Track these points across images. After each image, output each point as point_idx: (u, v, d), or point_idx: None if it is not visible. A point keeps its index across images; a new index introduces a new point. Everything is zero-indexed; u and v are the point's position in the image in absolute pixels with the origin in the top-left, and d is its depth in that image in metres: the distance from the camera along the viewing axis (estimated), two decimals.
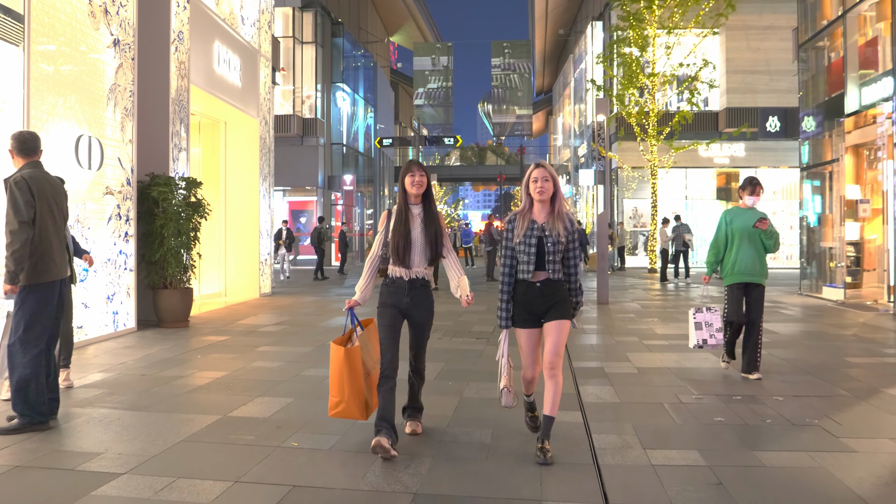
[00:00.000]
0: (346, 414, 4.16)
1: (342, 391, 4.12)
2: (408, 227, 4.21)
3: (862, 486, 3.59)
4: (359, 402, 4.15)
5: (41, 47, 7.19)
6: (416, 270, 4.24)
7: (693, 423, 4.78)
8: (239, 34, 13.05)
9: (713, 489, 3.56)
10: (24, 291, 4.58)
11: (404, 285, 4.23)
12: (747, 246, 6.19)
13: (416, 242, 4.21)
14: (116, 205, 8.60)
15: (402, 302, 4.23)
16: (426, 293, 4.30)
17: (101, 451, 4.13)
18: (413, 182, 4.23)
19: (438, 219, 4.34)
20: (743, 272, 6.20)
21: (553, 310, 4.04)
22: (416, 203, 4.29)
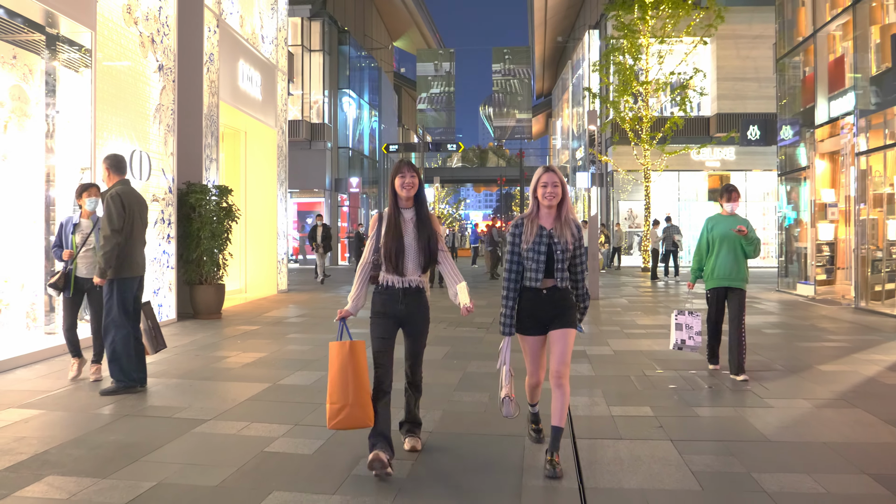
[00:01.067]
0: (351, 421, 3.81)
1: (345, 394, 3.79)
2: (400, 232, 3.99)
3: (767, 429, 4.76)
4: (366, 405, 3.82)
5: (104, 75, 8.37)
6: (410, 278, 4.02)
7: (650, 390, 5.96)
8: (259, 52, 14.24)
9: (654, 430, 4.74)
10: (112, 284, 5.77)
11: (398, 293, 4.02)
12: (727, 252, 6.39)
13: (409, 248, 3.99)
14: (160, 210, 9.79)
15: (396, 310, 4.03)
16: (421, 300, 4.08)
17: (186, 406, 5.32)
18: (403, 184, 3.99)
19: (432, 222, 4.10)
20: (722, 277, 6.41)
21: (559, 318, 3.98)
22: (408, 206, 4.06)
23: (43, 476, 3.81)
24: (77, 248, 6.22)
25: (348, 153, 32.45)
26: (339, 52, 31.43)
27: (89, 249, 6.22)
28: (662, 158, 23.92)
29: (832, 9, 13.80)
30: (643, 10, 22.95)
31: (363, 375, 3.84)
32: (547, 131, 55.16)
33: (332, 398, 3.81)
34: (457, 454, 4.26)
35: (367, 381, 3.86)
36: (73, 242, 6.23)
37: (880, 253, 12.13)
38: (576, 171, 34.82)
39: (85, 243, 6.22)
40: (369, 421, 3.83)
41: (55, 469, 3.93)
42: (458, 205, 73.30)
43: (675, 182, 28.71)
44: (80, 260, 6.23)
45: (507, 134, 43.21)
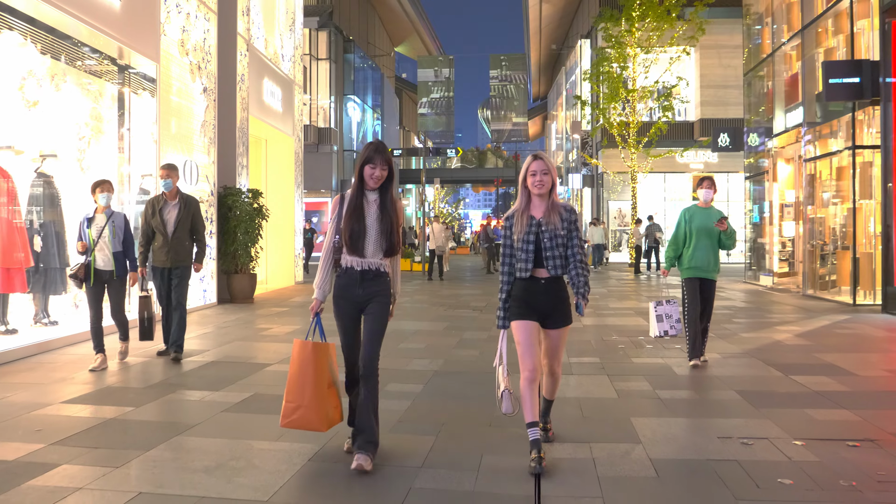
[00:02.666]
0: (303, 422, 3.78)
1: (302, 394, 3.76)
2: (362, 213, 3.86)
3: (678, 369, 6.56)
4: (320, 409, 3.78)
5: (163, 98, 10.17)
6: (370, 261, 3.91)
7: (603, 348, 7.76)
8: (280, 69, 16.03)
9: (597, 369, 6.54)
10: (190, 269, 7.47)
11: (356, 275, 3.90)
12: (704, 243, 6.58)
13: (370, 230, 3.87)
14: (205, 210, 11.58)
15: (354, 294, 3.92)
16: (381, 283, 3.94)
17: (255, 357, 7.13)
18: (372, 176, 3.87)
19: (395, 207, 3.97)
20: (697, 267, 6.61)
21: (554, 315, 3.96)
22: (373, 189, 3.92)
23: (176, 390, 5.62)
24: (93, 242, 6.52)
25: (353, 155, 34.26)
26: (345, 60, 33.23)
27: (106, 241, 6.56)
28: (648, 161, 25.69)
29: (788, 31, 15.59)
30: (630, 22, 24.71)
31: (322, 378, 3.79)
32: (543, 133, 57.03)
33: (288, 396, 3.80)
34: (460, 380, 6.05)
35: (324, 386, 3.80)
36: (89, 236, 6.52)
37: (831, 246, 13.92)
38: (569, 172, 36.63)
39: (101, 236, 6.55)
40: (321, 426, 3.81)
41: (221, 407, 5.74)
42: (457, 204, 75.30)
43: (661, 183, 30.54)
44: (97, 252, 6.54)
45: (504, 137, 45.06)
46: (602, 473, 3.75)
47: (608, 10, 25.62)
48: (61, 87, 9.12)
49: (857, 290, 12.01)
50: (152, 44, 9.79)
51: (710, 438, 4.36)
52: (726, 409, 5.10)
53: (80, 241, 6.52)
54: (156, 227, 7.05)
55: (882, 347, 7.81)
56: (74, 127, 9.32)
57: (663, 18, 24.41)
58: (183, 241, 7.10)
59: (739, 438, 4.33)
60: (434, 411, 5.05)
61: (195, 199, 7.36)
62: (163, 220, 7.05)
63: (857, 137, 12.12)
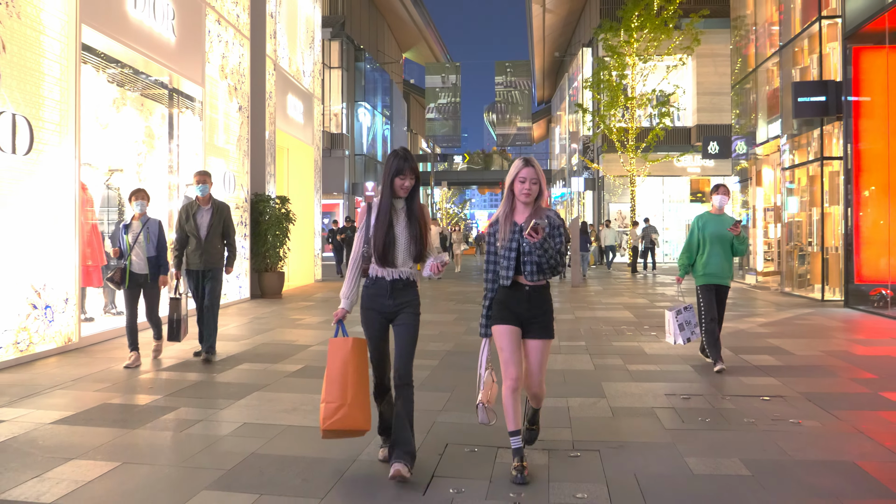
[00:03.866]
0: (348, 421, 3.69)
1: (344, 393, 3.68)
2: (391, 221, 3.85)
3: (649, 349, 7.91)
4: (364, 405, 3.72)
5: (207, 117, 11.58)
6: (401, 270, 3.88)
7: (590, 335, 9.13)
8: (302, 84, 17.45)
9: (582, 350, 7.92)
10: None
11: (386, 285, 3.87)
12: (718, 250, 6.69)
13: (399, 238, 3.86)
14: (240, 215, 13.00)
15: (384, 305, 3.89)
16: (411, 293, 3.93)
17: (298, 339, 8.53)
18: (403, 186, 3.87)
19: (423, 212, 3.99)
20: (712, 274, 6.73)
21: (536, 324, 3.87)
22: (401, 197, 3.92)
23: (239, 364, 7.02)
24: (130, 247, 6.82)
25: (363, 159, 35.69)
26: (356, 68, 34.65)
27: (142, 246, 6.87)
28: (646, 165, 27.02)
29: (770, 48, 16.91)
30: (629, 33, 26.04)
31: (364, 375, 3.77)
32: (548, 135, 58.39)
33: (328, 397, 3.70)
34: (467, 358, 7.42)
35: (367, 382, 3.79)
36: (126, 242, 6.82)
37: (811, 248, 15.24)
38: (572, 175, 37.99)
39: (136, 242, 6.86)
40: (366, 425, 3.74)
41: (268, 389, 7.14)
42: (463, 205, 76.75)
43: (660, 186, 31.90)
44: (133, 257, 6.84)
45: (509, 141, 46.45)
46: (573, 415, 5.13)
47: (607, 22, 26.98)
48: (121, 110, 10.56)
49: (825, 287, 13.35)
50: (199, 70, 11.21)
51: (658, 395, 5.73)
52: (678, 377, 6.47)
53: (114, 248, 6.82)
54: (189, 231, 7.24)
55: (827, 335, 9.15)
56: (133, 144, 10.75)
57: (660, 29, 25.73)
58: (215, 244, 7.34)
59: (681, 395, 5.70)
60: (448, 378, 6.43)
61: (226, 204, 7.65)
62: (196, 224, 7.25)
63: (826, 149, 13.46)
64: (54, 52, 7.53)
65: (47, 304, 7.32)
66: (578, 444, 4.43)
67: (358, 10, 36.76)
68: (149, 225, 6.96)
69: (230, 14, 12.59)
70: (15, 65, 6.85)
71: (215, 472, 3.89)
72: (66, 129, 7.73)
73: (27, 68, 7.04)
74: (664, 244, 30.09)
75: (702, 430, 4.74)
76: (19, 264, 6.90)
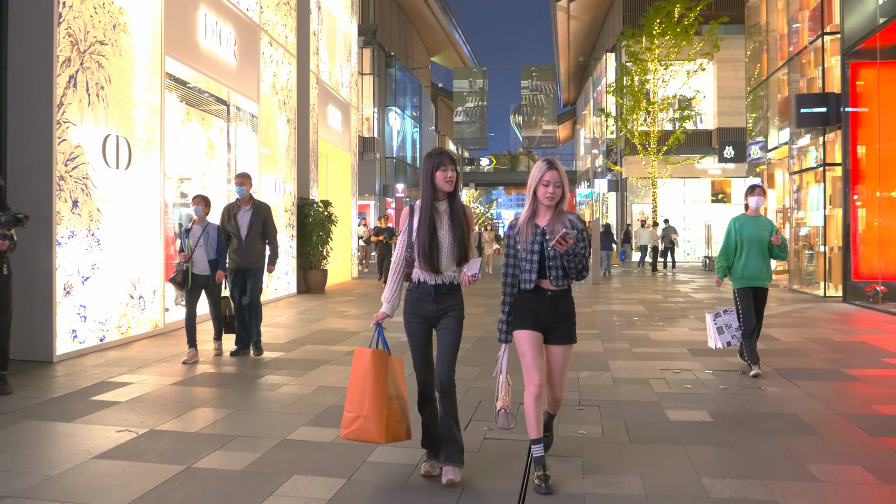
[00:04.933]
0: (362, 433, 3.70)
1: (361, 404, 3.69)
2: (434, 225, 3.80)
3: (654, 336, 9.07)
4: (379, 420, 3.68)
5: (261, 130, 12.93)
6: (445, 274, 3.84)
7: (604, 325, 10.30)
8: (340, 95, 18.80)
9: (595, 336, 9.10)
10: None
11: (430, 290, 3.84)
12: (755, 252, 6.63)
13: (443, 242, 3.81)
14: (289, 217, 14.35)
15: (427, 309, 3.85)
16: (454, 297, 3.89)
17: (353, 328, 9.83)
18: (446, 178, 3.80)
19: (466, 213, 3.91)
20: (751, 277, 6.67)
21: (559, 330, 3.85)
22: (442, 199, 3.87)
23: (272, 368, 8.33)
24: (191, 250, 7.16)
25: (394, 162, 37.06)
26: (387, 74, 36.01)
27: (202, 249, 7.20)
28: (667, 168, 28.00)
29: (780, 59, 17.90)
30: (650, 39, 27.05)
31: (382, 388, 3.69)
32: (573, 137, 59.38)
33: (348, 406, 3.76)
34: (495, 343, 8.63)
35: (384, 396, 3.70)
36: (187, 245, 7.17)
37: (823, 248, 16.22)
38: (595, 176, 39.02)
39: (197, 245, 7.19)
40: (381, 438, 3.69)
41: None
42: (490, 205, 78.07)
43: (682, 188, 32.82)
44: (195, 259, 7.19)
45: (534, 143, 47.58)
46: (581, 383, 6.34)
47: (630, 29, 28.02)
48: (187, 125, 11.94)
49: (827, 284, 14.36)
50: (255, 88, 12.57)
51: (654, 370, 6.92)
52: (674, 357, 7.64)
53: (182, 252, 7.20)
54: (231, 231, 7.50)
55: (816, 325, 10.22)
56: (198, 155, 12.13)
57: (681, 36, 26.71)
58: (255, 243, 7.53)
59: (673, 370, 6.89)
60: (479, 357, 7.66)
61: (267, 205, 7.82)
62: (237, 224, 7.49)
63: (828, 156, 14.47)
64: (144, 81, 8.89)
65: (140, 295, 8.69)
66: (583, 402, 5.65)
67: (388, 18, 38.12)
68: (208, 229, 7.27)
69: (280, 36, 13.95)
70: (116, 94, 8.21)
71: (307, 416, 5.18)
72: (154, 146, 9.10)
73: (125, 96, 8.41)
74: (685, 244, 31.12)
75: (683, 394, 5.92)
76: (121, 260, 8.25)
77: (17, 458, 4.20)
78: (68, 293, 7.29)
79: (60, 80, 7.14)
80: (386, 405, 3.71)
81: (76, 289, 7.41)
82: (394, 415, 3.76)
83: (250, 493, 3.65)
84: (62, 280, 7.19)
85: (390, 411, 3.73)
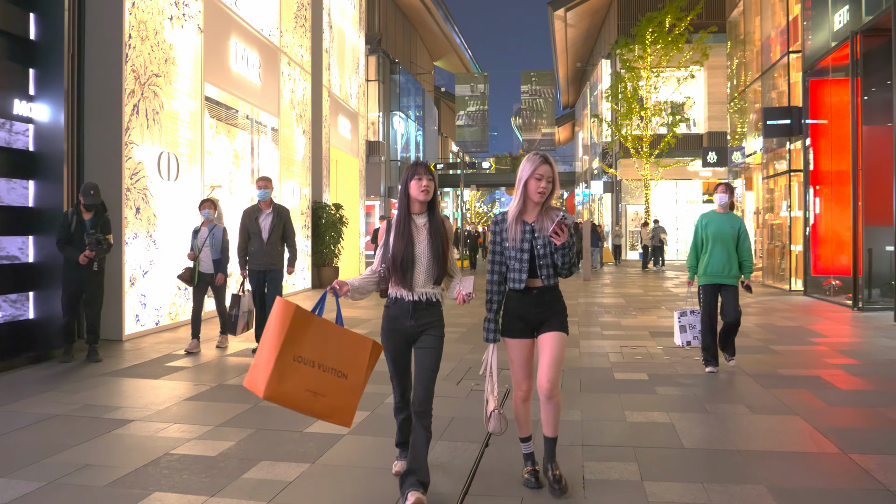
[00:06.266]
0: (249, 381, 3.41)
1: (260, 353, 3.42)
2: (411, 240, 3.61)
3: (624, 323, 10.58)
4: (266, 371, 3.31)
5: (280, 141, 14.44)
6: (422, 291, 3.63)
7: (584, 314, 11.79)
8: (349, 105, 20.33)
9: (574, 323, 10.60)
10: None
11: (408, 306, 3.63)
12: (720, 249, 6.60)
13: (420, 258, 3.61)
14: (304, 219, 15.87)
15: (406, 326, 3.65)
16: (434, 313, 3.68)
17: (367, 317, 11.34)
18: (420, 188, 3.60)
19: (445, 227, 3.70)
20: (714, 274, 6.65)
21: (549, 321, 3.69)
22: (420, 212, 3.68)
23: None
24: (199, 250, 7.70)
25: (398, 164, 38.60)
26: (391, 80, 37.55)
27: (207, 250, 7.81)
28: (658, 171, 29.48)
29: (755, 72, 19.36)
30: (643, 47, 28.54)
31: (277, 340, 3.35)
32: (573, 138, 60.91)
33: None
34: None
35: (276, 348, 3.33)
36: (196, 247, 7.72)
37: (794, 247, 17.70)
38: (592, 178, 40.51)
39: (204, 245, 7.74)
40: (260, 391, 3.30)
41: None
42: (492, 205, 79.72)
43: (674, 189, 34.31)
44: (202, 258, 7.73)
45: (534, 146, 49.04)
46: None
47: (623, 39, 29.51)
48: (216, 138, 13.48)
49: (792, 279, 15.84)
50: (275, 104, 14.10)
51: (616, 347, 8.41)
52: (635, 338, 9.13)
53: (191, 251, 7.85)
54: (252, 233, 7.68)
55: (770, 314, 11.69)
56: (225, 165, 13.66)
57: (672, 45, 28.17)
58: (276, 246, 7.72)
59: (631, 347, 8.38)
60: (474, 338, 9.18)
61: (286, 208, 8.11)
62: (259, 227, 7.66)
63: (794, 163, 15.94)
64: (187, 105, 10.41)
65: (186, 287, 10.21)
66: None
67: (393, 26, 39.66)
68: (214, 231, 7.80)
69: (296, 55, 15.47)
70: (168, 116, 9.74)
71: None
72: (195, 159, 10.63)
73: (173, 118, 9.93)
74: (677, 243, 32.64)
75: (633, 363, 7.43)
76: (171, 257, 9.78)
77: (130, 399, 5.74)
78: (132, 284, 8.82)
79: (127, 108, 8.68)
80: (279, 359, 3.31)
81: (138, 281, 8.94)
82: (299, 379, 3.35)
83: (303, 420, 5.13)
84: (128, 274, 8.73)
85: (294, 372, 3.34)
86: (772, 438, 4.70)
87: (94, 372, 6.79)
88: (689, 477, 3.97)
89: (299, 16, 15.71)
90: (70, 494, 3.70)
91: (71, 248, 7.12)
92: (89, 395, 5.88)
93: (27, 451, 4.40)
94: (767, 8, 18.16)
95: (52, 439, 4.63)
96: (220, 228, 7.92)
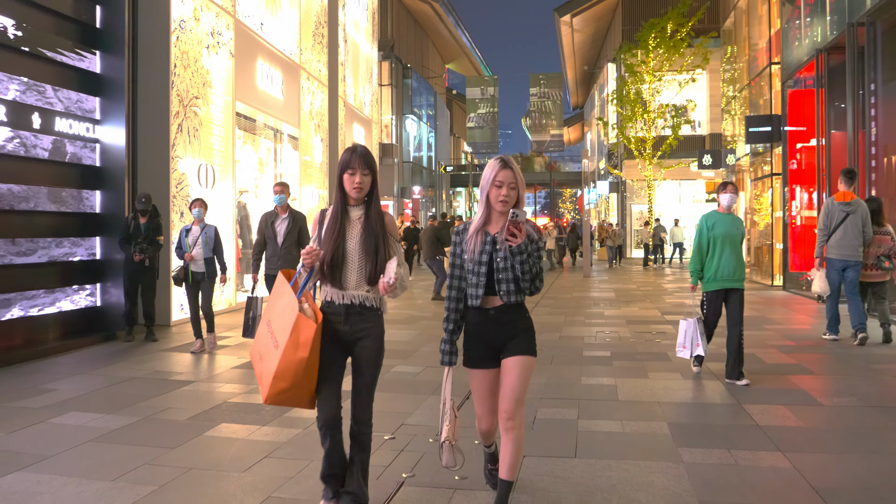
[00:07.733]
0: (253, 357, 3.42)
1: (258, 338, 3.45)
2: (343, 235, 3.30)
3: (608, 313, 11.89)
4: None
5: (301, 149, 15.86)
6: (354, 293, 3.30)
7: (573, 305, 13.11)
8: (363, 113, 21.74)
9: (562, 313, 11.93)
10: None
11: (340, 310, 3.31)
12: (729, 251, 6.28)
13: (351, 255, 3.29)
14: None
15: (339, 332, 3.32)
16: (370, 319, 3.34)
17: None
18: (353, 184, 3.29)
19: (383, 222, 3.34)
20: (725, 278, 6.31)
21: (513, 343, 3.29)
22: (357, 204, 3.35)
23: None
24: (190, 248, 7.83)
25: (410, 166, 40.03)
26: (404, 85, 38.96)
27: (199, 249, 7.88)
28: (661, 171, 30.67)
29: (745, 79, 20.56)
30: (645, 52, 29.74)
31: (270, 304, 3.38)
32: (582, 138, 62.10)
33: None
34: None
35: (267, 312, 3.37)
36: (187, 245, 7.82)
37: (779, 245, 18.89)
38: (598, 179, 41.72)
39: (196, 244, 7.86)
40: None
41: None
42: None
43: (677, 189, 35.48)
44: (195, 256, 7.89)
45: (543, 147, 50.36)
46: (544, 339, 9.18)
47: (626, 44, 30.72)
48: (243, 148, 14.92)
49: (773, 275, 17.07)
50: (296, 116, 15.53)
51: (593, 332, 9.73)
52: (613, 325, 10.44)
53: (186, 253, 7.81)
54: (268, 237, 7.86)
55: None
56: (251, 171, 15.11)
57: (674, 49, 29.32)
58: (291, 250, 7.81)
59: (608, 332, 9.70)
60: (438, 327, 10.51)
61: (302, 214, 8.30)
62: (274, 231, 7.83)
63: (775, 167, 17.16)
64: (220, 120, 11.84)
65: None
66: None
67: (405, 32, 41.06)
68: (206, 230, 7.92)
69: (314, 70, 16.89)
70: (205, 133, 11.17)
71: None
72: (227, 169, 12.06)
73: (209, 133, 11.36)
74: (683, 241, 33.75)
75: (604, 344, 8.76)
76: None
77: (188, 367, 7.17)
78: None
79: (173, 127, 10.11)
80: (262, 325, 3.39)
81: None
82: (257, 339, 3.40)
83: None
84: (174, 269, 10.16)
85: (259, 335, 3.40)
86: (687, 394, 6.04)
87: (153, 348, 8.24)
88: (613, 417, 5.32)
89: (317, 33, 17.12)
90: (160, 425, 5.11)
91: (129, 247, 8.56)
92: (155, 364, 7.32)
93: (122, 398, 5.84)
94: (755, 22, 19.38)
95: (137, 392, 6.07)
96: (212, 228, 8.05)
